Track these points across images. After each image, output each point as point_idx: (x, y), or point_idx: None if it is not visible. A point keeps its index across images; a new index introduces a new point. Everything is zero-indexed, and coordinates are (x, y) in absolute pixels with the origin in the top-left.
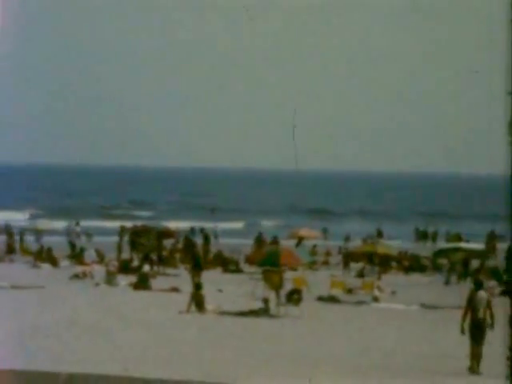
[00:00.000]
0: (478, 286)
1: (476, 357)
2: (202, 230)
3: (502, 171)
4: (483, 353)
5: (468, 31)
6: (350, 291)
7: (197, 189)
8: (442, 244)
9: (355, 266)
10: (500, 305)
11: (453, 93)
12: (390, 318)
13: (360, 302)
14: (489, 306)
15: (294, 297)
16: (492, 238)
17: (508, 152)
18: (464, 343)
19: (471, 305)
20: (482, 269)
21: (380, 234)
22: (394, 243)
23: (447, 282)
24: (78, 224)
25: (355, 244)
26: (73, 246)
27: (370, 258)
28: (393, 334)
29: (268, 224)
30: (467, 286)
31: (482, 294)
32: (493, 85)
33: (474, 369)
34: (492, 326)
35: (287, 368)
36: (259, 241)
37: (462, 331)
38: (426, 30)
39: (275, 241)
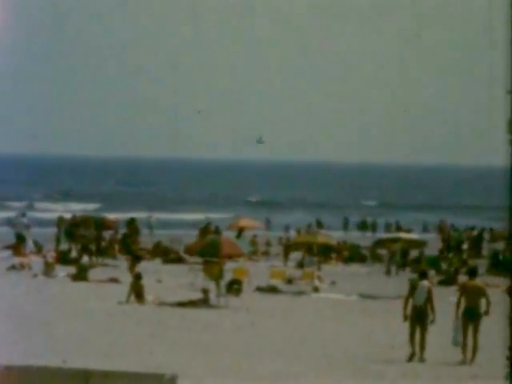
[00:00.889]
0: (423, 275)
1: (419, 345)
2: (132, 221)
3: (502, 169)
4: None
5: (468, 30)
6: (290, 281)
7: (135, 178)
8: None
9: (296, 257)
10: (439, 294)
11: (452, 92)
12: (329, 308)
13: (300, 292)
14: (429, 295)
15: (234, 287)
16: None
17: (508, 150)
18: (403, 332)
19: (413, 293)
20: (421, 258)
21: (320, 224)
22: (336, 233)
23: (387, 272)
24: (24, 215)
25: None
26: (20, 237)
27: (309, 248)
28: (332, 324)
29: (215, 216)
30: (406, 275)
31: (425, 283)
32: (493, 83)
33: (412, 355)
34: (432, 314)
35: (226, 358)
36: (205, 231)
37: (405, 319)
38: (426, 29)
39: (217, 231)
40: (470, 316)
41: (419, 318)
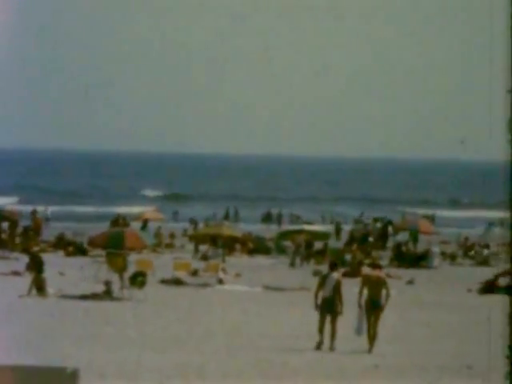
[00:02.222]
0: (333, 267)
1: (330, 334)
2: (34, 213)
3: (502, 169)
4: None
5: (468, 29)
6: (194, 273)
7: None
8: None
9: (202, 249)
10: (343, 286)
11: (453, 92)
12: (234, 300)
13: (204, 284)
14: (338, 287)
15: (138, 279)
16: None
17: (508, 150)
18: (307, 323)
19: (323, 284)
20: (326, 250)
21: (230, 216)
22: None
23: (292, 264)
24: None
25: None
26: None
27: (214, 240)
28: (236, 316)
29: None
30: (311, 267)
31: (334, 275)
32: (493, 83)
33: (320, 344)
34: (340, 305)
35: (130, 351)
36: (116, 223)
37: (316, 308)
38: (426, 28)
39: (124, 223)
40: (372, 306)
41: (329, 308)
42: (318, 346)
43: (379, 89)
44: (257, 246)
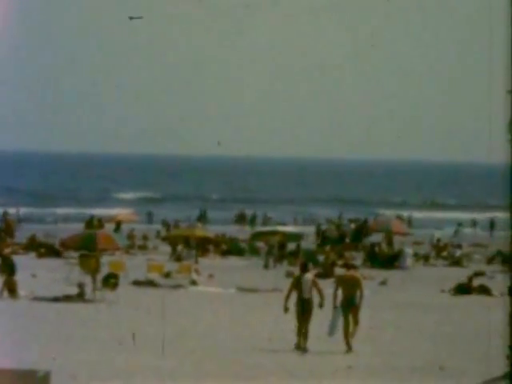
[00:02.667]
0: (305, 268)
1: (303, 334)
2: (5, 215)
3: (502, 169)
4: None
5: (468, 29)
6: (167, 275)
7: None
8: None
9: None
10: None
11: (452, 91)
12: (207, 302)
13: (177, 286)
14: (316, 286)
15: (111, 281)
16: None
17: (508, 150)
18: (280, 324)
19: (297, 286)
20: (299, 251)
21: (203, 218)
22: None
23: (266, 266)
24: None
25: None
26: None
27: (187, 241)
28: (209, 317)
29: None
30: (284, 268)
31: (308, 275)
32: (492, 83)
33: (300, 345)
34: (321, 304)
35: (102, 353)
36: (90, 225)
37: (286, 310)
38: (426, 28)
39: (99, 224)
40: (348, 306)
41: (305, 308)
42: (298, 346)
43: (374, 88)
44: (230, 248)
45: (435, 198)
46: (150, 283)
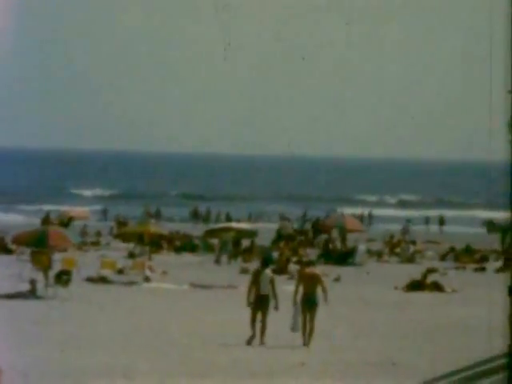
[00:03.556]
0: (265, 264)
1: (260, 329)
2: None
3: (502, 169)
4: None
5: (468, 29)
6: (121, 271)
7: None
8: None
9: (129, 247)
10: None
11: (452, 91)
12: (160, 298)
13: (131, 283)
14: (272, 283)
15: (63, 278)
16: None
17: (508, 150)
18: (233, 320)
19: (257, 281)
20: (253, 248)
21: (157, 215)
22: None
23: (217, 261)
24: None
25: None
26: None
27: (141, 238)
28: (163, 314)
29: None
30: (238, 265)
31: (267, 271)
32: (493, 83)
33: (252, 339)
34: (275, 300)
35: (54, 350)
36: (46, 221)
37: (249, 304)
38: (426, 28)
39: (60, 221)
40: (308, 302)
41: (262, 304)
42: (250, 341)
43: (373, 87)
44: (184, 244)
45: (400, 195)
46: (103, 280)
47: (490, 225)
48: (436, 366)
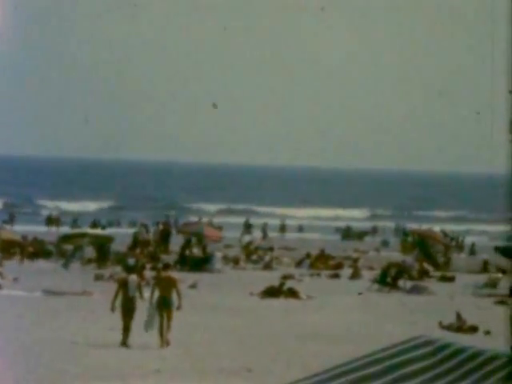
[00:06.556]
0: (130, 270)
1: (127, 331)
2: None
3: (503, 170)
4: None
5: (469, 29)
6: None
7: None
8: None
9: None
10: None
11: (452, 91)
12: (10, 306)
13: None
14: (139, 288)
15: None
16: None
17: (509, 150)
18: (85, 328)
19: (124, 286)
20: (107, 254)
21: (11, 220)
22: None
23: (65, 265)
24: None
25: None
26: None
27: None
28: (12, 323)
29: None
30: (93, 271)
31: (134, 277)
32: (494, 83)
33: (125, 342)
34: (143, 298)
35: None
36: None
37: (113, 309)
38: (426, 28)
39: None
40: (164, 304)
41: (130, 307)
42: (124, 343)
43: (373, 87)
44: (37, 250)
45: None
46: None
47: (345, 232)
48: (290, 372)
